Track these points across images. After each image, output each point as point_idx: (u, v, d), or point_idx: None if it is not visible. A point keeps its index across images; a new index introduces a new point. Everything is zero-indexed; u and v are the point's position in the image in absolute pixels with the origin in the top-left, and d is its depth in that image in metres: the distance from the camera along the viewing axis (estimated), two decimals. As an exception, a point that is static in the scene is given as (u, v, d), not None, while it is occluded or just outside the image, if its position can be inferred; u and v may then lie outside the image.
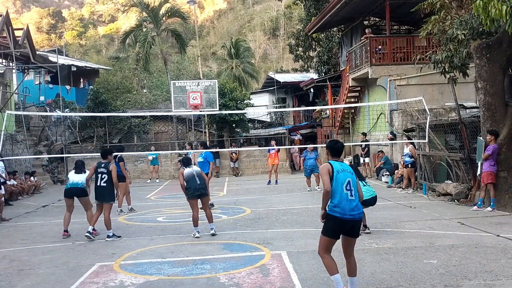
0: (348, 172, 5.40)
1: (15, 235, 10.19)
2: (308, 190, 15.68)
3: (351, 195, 5.29)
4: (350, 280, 5.47)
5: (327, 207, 5.36)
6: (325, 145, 17.81)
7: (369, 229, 8.83)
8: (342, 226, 5.30)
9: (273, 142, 20.01)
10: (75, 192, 9.77)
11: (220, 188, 18.19)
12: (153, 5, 34.56)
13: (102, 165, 9.63)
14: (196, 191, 9.07)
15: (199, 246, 8.30)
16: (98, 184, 9.51)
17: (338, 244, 5.48)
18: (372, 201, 8.29)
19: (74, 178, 9.82)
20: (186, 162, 9.58)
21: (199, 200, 9.24)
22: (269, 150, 19.48)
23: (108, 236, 9.22)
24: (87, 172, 9.97)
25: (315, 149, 17.05)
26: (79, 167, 10.01)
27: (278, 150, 19.32)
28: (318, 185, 15.68)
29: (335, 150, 5.59)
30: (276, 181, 18.69)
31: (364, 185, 8.18)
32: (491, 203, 10.79)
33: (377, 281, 5.95)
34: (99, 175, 9.56)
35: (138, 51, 35.82)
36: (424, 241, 7.95)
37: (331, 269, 5.29)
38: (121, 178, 12.86)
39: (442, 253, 7.15)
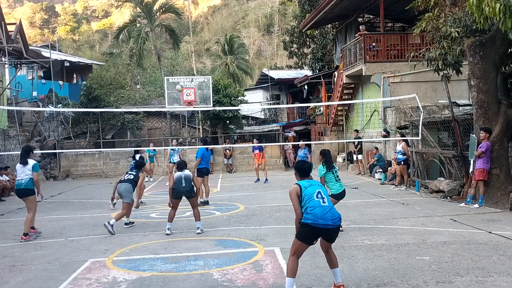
0: (316, 185, 5.46)
1: (7, 231, 10.13)
2: None
3: (324, 202, 5.28)
4: (333, 272, 5.50)
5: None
6: (318, 141, 17.75)
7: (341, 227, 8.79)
8: (315, 234, 5.28)
9: (254, 141, 19.54)
10: (18, 194, 9.18)
11: (213, 184, 18.15)
12: (147, 1, 34.46)
13: (134, 171, 10.38)
14: (179, 193, 9.22)
15: (192, 243, 8.30)
16: (122, 178, 10.12)
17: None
18: (342, 194, 8.66)
19: (19, 173, 9.06)
20: (179, 166, 9.65)
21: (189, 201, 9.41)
22: (253, 150, 19.30)
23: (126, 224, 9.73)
24: (32, 161, 9.12)
25: (307, 146, 16.65)
26: (23, 156, 9.16)
27: (262, 149, 18.94)
28: None
29: (303, 171, 5.68)
30: (266, 179, 18.23)
31: (337, 181, 8.61)
32: (480, 200, 10.87)
33: (370, 277, 5.97)
34: (126, 175, 10.22)
35: (132, 46, 35.69)
36: (417, 238, 7.99)
37: (290, 271, 5.28)
38: None
39: (434, 249, 7.19)
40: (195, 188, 9.47)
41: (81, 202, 14.49)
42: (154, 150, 20.55)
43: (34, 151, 10.84)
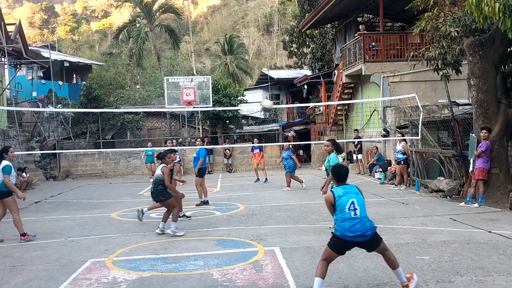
0: (351, 193, 5.29)
1: (7, 231, 10.11)
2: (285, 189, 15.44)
3: (355, 214, 5.17)
4: (395, 273, 5.41)
5: None
6: (317, 141, 17.73)
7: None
8: (345, 246, 5.26)
9: (255, 141, 19.38)
10: None
11: (213, 184, 18.20)
12: (147, 1, 34.47)
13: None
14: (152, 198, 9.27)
15: (192, 242, 8.30)
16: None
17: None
18: None
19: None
20: (157, 157, 9.53)
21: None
22: (252, 149, 19.24)
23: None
24: (5, 162, 8.77)
25: (290, 147, 16.24)
26: None
27: (262, 149, 18.94)
28: (288, 186, 15.55)
29: (340, 176, 5.46)
30: (266, 179, 18.29)
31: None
32: (479, 200, 10.88)
33: (370, 276, 5.98)
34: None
35: (132, 46, 35.74)
36: (417, 237, 7.99)
37: (319, 273, 5.25)
38: None
39: (434, 249, 7.19)
40: (167, 191, 9.01)
41: (81, 202, 14.49)
42: (153, 149, 20.28)
43: (35, 151, 10.68)
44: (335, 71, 23.47)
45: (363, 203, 5.30)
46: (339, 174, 5.47)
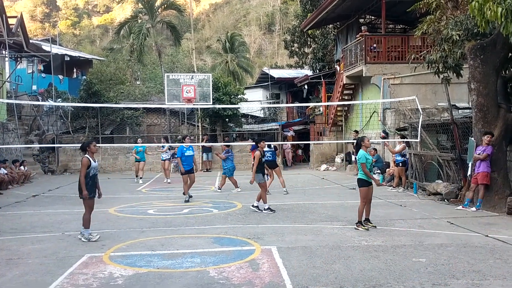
0: None
1: (4, 224, 10.13)
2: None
3: None
4: None
5: None
6: (316, 142, 17.48)
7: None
8: None
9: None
10: None
11: (212, 182, 18.20)
12: (149, -3, 34.39)
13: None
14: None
15: (189, 240, 8.30)
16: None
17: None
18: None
19: None
20: (81, 147, 8.60)
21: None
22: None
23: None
24: None
25: (226, 148, 16.01)
26: None
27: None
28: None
29: None
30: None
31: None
32: (478, 203, 10.88)
33: (366, 278, 5.98)
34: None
35: (133, 42, 35.63)
36: (414, 240, 8.00)
37: None
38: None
39: (431, 252, 7.20)
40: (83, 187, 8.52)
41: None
42: (143, 145, 19.22)
43: (34, 145, 10.52)
44: (337, 67, 23.41)
45: None
46: None
